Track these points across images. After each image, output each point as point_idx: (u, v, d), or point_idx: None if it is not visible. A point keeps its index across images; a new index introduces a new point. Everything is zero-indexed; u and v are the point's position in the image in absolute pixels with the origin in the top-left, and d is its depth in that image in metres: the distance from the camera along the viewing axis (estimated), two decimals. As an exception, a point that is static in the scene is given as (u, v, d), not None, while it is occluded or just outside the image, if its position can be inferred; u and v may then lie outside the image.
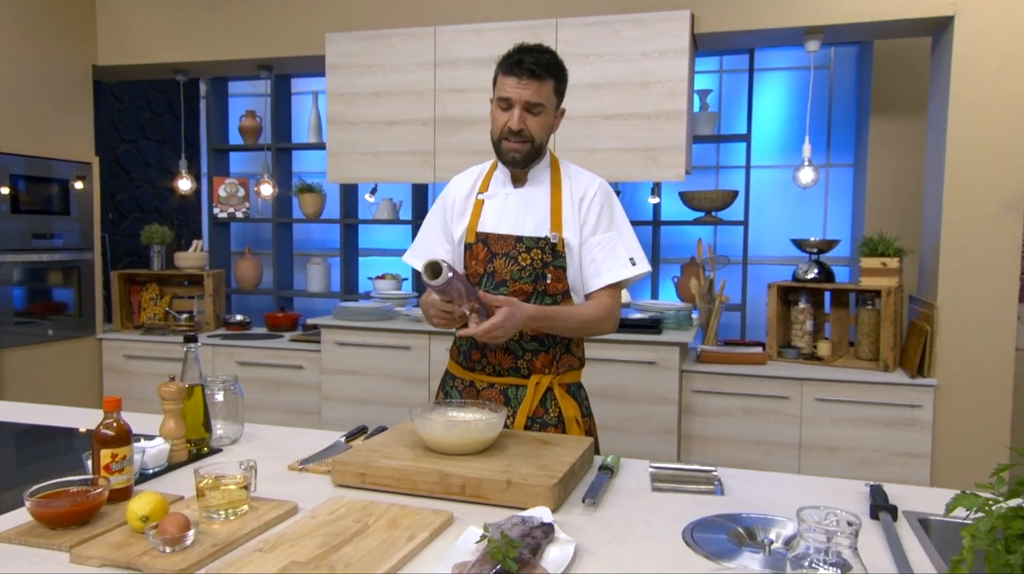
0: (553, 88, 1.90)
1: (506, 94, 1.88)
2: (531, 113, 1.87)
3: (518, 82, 1.86)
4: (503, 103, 1.89)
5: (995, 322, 3.16)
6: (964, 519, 1.40)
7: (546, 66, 1.87)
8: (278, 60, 4.17)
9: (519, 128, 1.87)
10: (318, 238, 5.40)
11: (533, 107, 1.87)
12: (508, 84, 1.87)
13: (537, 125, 1.89)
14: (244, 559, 1.21)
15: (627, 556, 1.29)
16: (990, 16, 3.11)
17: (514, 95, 1.86)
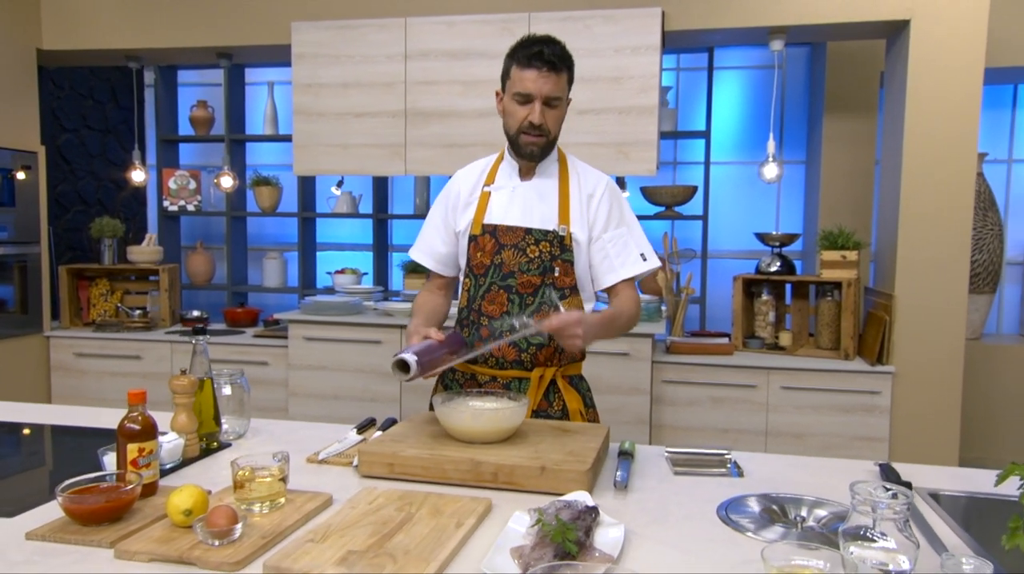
0: (567, 79, 1.90)
1: (525, 89, 1.84)
2: (549, 107, 1.86)
3: (538, 75, 1.83)
4: (520, 98, 1.86)
5: (947, 312, 3.34)
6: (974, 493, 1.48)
7: (562, 57, 1.86)
8: (239, 49, 4.07)
9: (540, 123, 1.85)
10: (271, 232, 5.29)
11: (552, 100, 1.85)
12: (527, 78, 1.84)
13: (554, 119, 1.89)
14: (300, 550, 1.20)
15: (671, 535, 1.33)
16: (944, 20, 3.27)
17: (534, 89, 1.83)
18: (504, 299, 1.92)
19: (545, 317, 1.73)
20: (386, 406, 3.71)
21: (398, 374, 1.63)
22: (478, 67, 3.62)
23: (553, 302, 1.82)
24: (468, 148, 3.66)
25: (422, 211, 4.60)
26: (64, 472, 1.66)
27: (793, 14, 3.40)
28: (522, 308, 1.92)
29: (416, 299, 2.09)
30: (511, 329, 1.79)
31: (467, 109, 3.65)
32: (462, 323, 2.00)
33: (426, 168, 3.73)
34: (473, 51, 3.62)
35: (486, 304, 1.94)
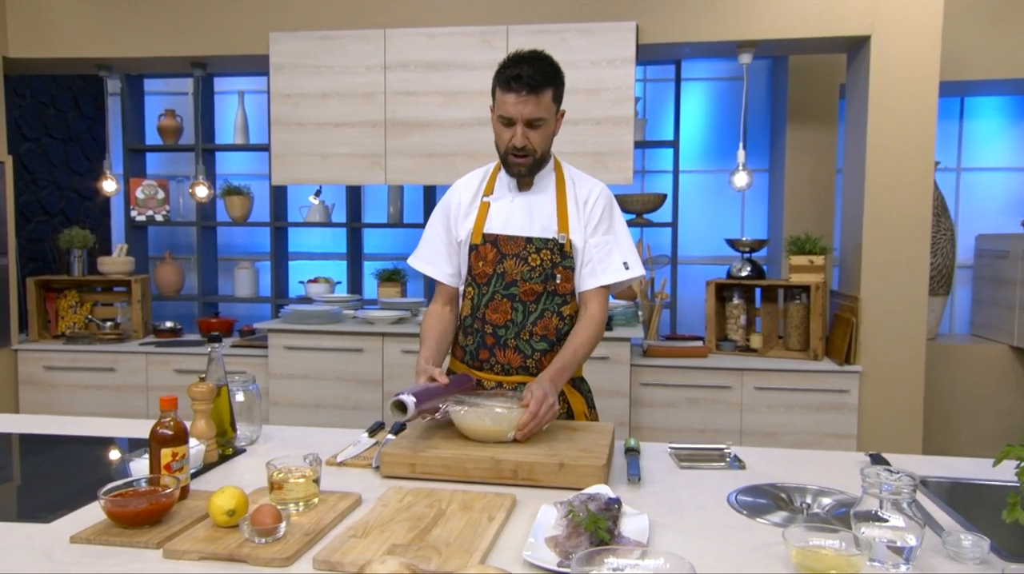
0: (552, 96, 1.90)
1: (507, 112, 1.88)
2: (532, 128, 1.89)
3: (517, 98, 1.85)
4: (504, 120, 1.90)
5: (910, 313, 3.51)
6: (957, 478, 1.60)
7: (543, 76, 1.87)
8: (214, 58, 4.06)
9: (523, 145, 1.90)
10: (240, 242, 5.27)
11: (534, 122, 1.88)
12: (508, 102, 1.86)
13: (539, 138, 1.91)
14: (345, 545, 1.25)
15: (689, 523, 1.41)
16: (901, 37, 3.45)
17: (514, 112, 1.86)
18: (508, 307, 1.98)
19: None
20: (368, 414, 3.74)
21: (396, 414, 1.65)
22: (458, 78, 3.68)
23: None
24: (448, 158, 3.72)
25: (396, 220, 4.64)
26: (78, 479, 1.68)
27: (761, 29, 3.54)
28: (525, 316, 1.97)
29: (424, 322, 2.09)
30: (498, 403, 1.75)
31: (447, 119, 3.71)
32: (467, 331, 2.05)
33: (406, 178, 3.78)
34: (453, 62, 3.69)
35: (490, 312, 2.00)
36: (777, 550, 1.28)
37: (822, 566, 1.18)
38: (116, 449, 1.93)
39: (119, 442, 1.98)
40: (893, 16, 3.45)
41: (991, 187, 4.68)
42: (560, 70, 1.93)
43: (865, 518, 1.26)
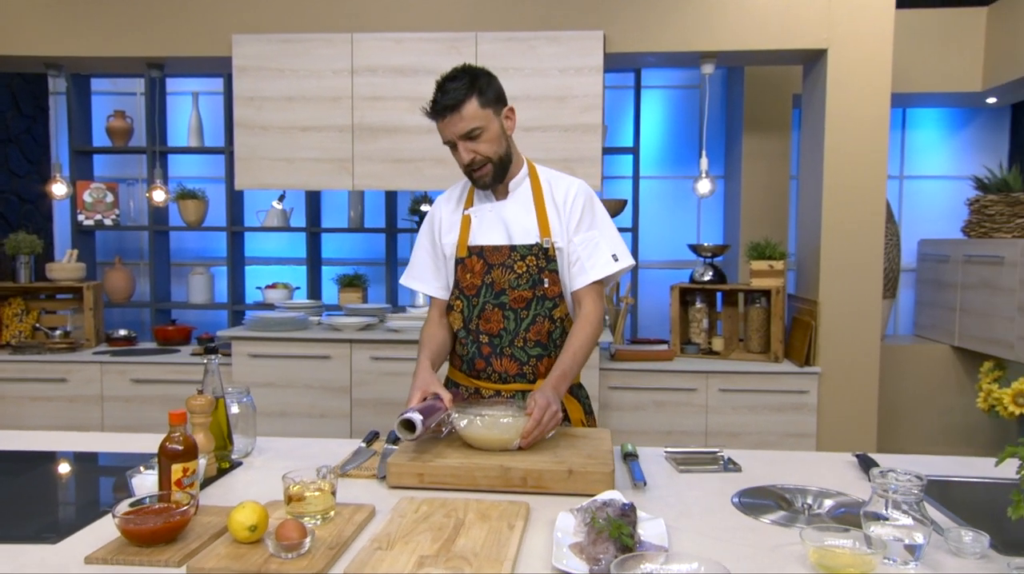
0: (479, 103, 1.90)
1: (443, 138, 1.95)
2: (472, 139, 1.91)
3: (442, 122, 1.92)
4: (449, 145, 1.96)
5: (865, 316, 3.65)
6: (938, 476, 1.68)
7: (458, 92, 1.89)
8: (172, 60, 3.96)
9: (470, 160, 1.93)
10: (192, 247, 5.15)
11: (470, 134, 1.90)
12: (440, 128, 1.94)
13: (486, 145, 1.93)
14: (373, 557, 1.25)
15: (701, 525, 1.45)
16: (856, 50, 3.59)
17: (447, 135, 1.93)
18: (500, 316, 2.00)
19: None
20: (336, 422, 3.70)
21: (404, 433, 1.65)
22: (426, 84, 3.63)
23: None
24: (416, 163, 3.72)
25: (357, 224, 4.60)
26: (69, 498, 1.63)
27: (723, 41, 3.64)
28: (518, 323, 1.99)
29: (424, 330, 2.09)
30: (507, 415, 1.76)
31: (415, 125, 3.70)
32: (461, 343, 2.06)
33: (374, 183, 3.76)
34: (421, 68, 3.68)
35: (482, 323, 2.01)
36: (792, 550, 1.33)
37: (839, 564, 1.23)
38: (87, 464, 1.88)
39: (101, 457, 1.92)
40: (848, 31, 3.59)
41: (931, 195, 4.90)
42: (481, 75, 1.94)
43: (874, 517, 1.32)
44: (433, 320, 2.11)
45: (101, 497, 1.69)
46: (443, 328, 2.09)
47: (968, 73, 4.32)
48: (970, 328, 4.14)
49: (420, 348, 2.04)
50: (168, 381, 3.85)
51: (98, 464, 1.89)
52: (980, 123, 4.87)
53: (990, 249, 3.94)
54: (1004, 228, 4.01)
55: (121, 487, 1.61)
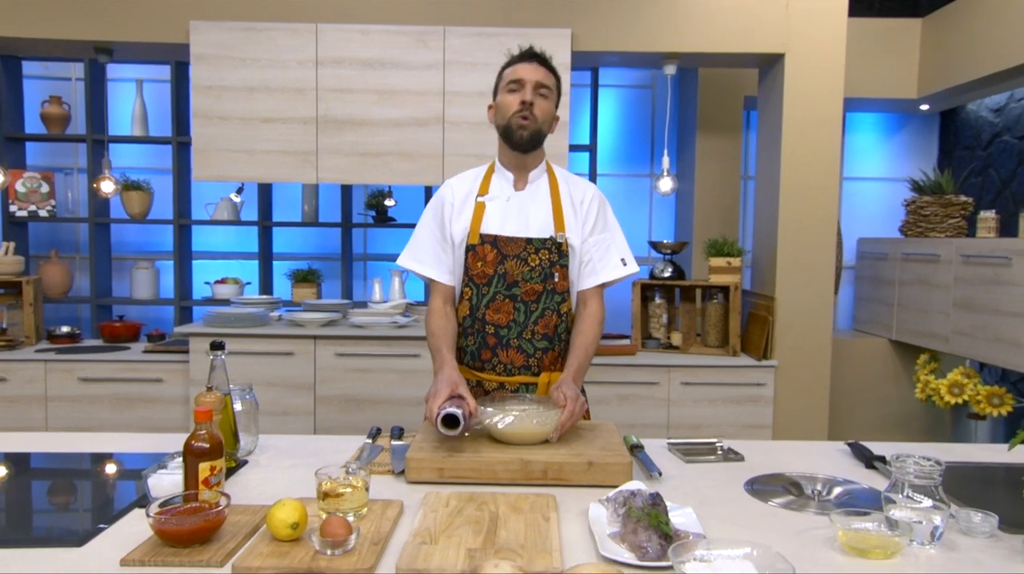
0: (555, 85, 2.04)
1: (517, 76, 1.98)
2: (539, 94, 1.98)
3: (529, 65, 1.99)
4: (514, 85, 1.99)
5: (818, 311, 3.80)
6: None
7: (551, 65, 2.04)
8: (123, 45, 3.80)
9: (531, 101, 1.96)
10: (134, 240, 4.95)
11: (541, 88, 1.98)
12: (520, 68, 1.99)
13: (543, 108, 1.99)
14: (421, 553, 1.24)
15: (723, 513, 1.50)
16: (811, 55, 3.73)
17: (526, 75, 1.98)
18: (510, 308, 2.00)
19: (548, 400, 1.82)
20: (299, 419, 3.63)
21: (446, 430, 1.64)
22: (393, 77, 3.64)
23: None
24: (383, 158, 3.67)
25: (311, 218, 4.52)
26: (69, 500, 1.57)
27: (686, 43, 3.73)
28: (527, 315, 2.00)
29: (432, 323, 2.04)
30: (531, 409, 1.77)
31: (382, 118, 3.66)
32: (466, 332, 2.05)
33: (338, 177, 3.70)
34: (388, 61, 3.64)
35: (491, 313, 2.01)
36: (817, 534, 1.39)
37: (868, 545, 1.29)
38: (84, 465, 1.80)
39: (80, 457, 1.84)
40: (804, 36, 3.72)
41: (868, 196, 5.13)
42: (560, 77, 2.08)
43: (895, 501, 1.38)
44: (439, 310, 2.06)
45: (114, 498, 1.62)
46: (451, 318, 2.05)
47: (904, 80, 4.54)
48: (907, 323, 4.35)
49: (436, 342, 1.99)
50: (118, 379, 3.70)
51: (98, 465, 1.81)
52: (912, 128, 5.13)
53: (926, 248, 4.15)
54: (938, 228, 4.24)
55: (127, 487, 1.55)
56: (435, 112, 3.67)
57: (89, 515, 1.43)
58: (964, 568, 1.26)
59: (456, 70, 3.65)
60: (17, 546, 1.27)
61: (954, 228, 4.21)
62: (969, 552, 1.32)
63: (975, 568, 1.26)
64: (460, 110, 3.67)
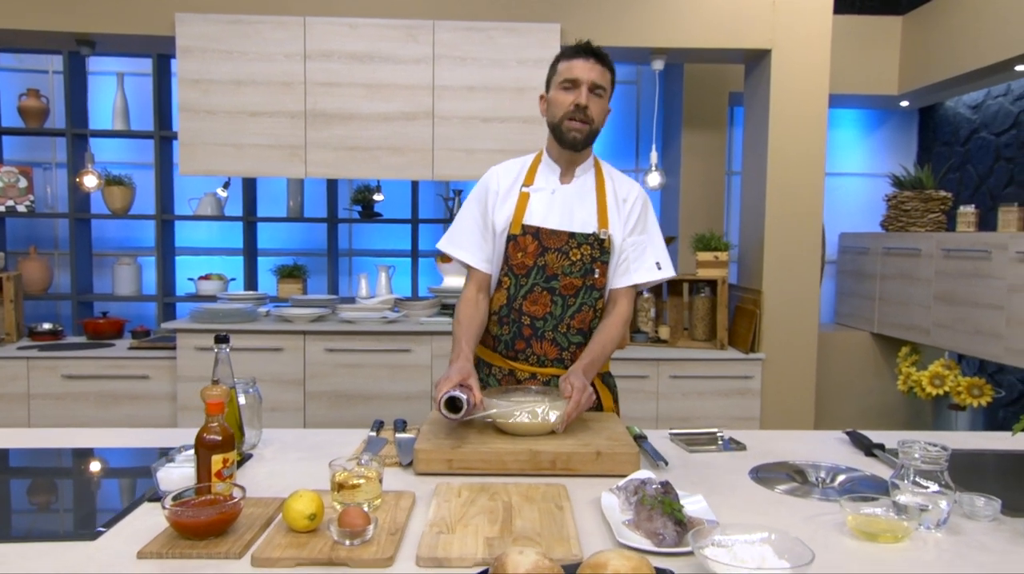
0: (610, 80, 1.99)
1: (573, 75, 1.93)
2: (594, 94, 1.94)
3: (585, 63, 1.93)
4: (568, 83, 1.94)
5: (804, 304, 3.85)
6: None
7: (607, 61, 1.98)
8: (105, 37, 3.74)
9: (586, 104, 1.92)
10: (114, 236, 4.88)
11: (597, 88, 1.94)
12: (575, 66, 1.94)
13: (598, 108, 1.96)
14: (439, 541, 1.24)
15: (732, 501, 1.51)
16: (798, 52, 3.78)
17: (582, 75, 1.92)
18: (547, 300, 2.00)
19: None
20: (289, 415, 3.61)
21: (448, 412, 1.64)
22: (382, 71, 3.63)
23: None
24: (372, 152, 3.66)
25: (296, 214, 4.49)
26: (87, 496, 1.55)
27: (674, 38, 3.75)
28: (564, 309, 1.99)
29: (460, 311, 2.02)
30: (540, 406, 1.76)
31: (371, 112, 3.64)
32: (501, 321, 2.03)
33: (327, 171, 3.68)
34: (377, 55, 3.62)
35: (528, 304, 2.00)
36: (827, 519, 1.41)
37: (877, 529, 1.32)
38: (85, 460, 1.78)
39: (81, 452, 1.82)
40: (790, 32, 3.77)
41: (849, 191, 5.20)
42: (615, 68, 2.02)
43: (901, 486, 1.41)
44: (470, 299, 2.03)
45: (121, 493, 1.60)
46: (480, 309, 2.03)
47: (885, 77, 4.61)
48: (889, 316, 4.42)
49: (459, 331, 1.97)
50: (104, 377, 3.66)
51: (99, 460, 1.79)
52: (892, 124, 5.20)
53: (907, 242, 4.22)
54: (919, 222, 4.31)
55: (128, 482, 1.54)
56: (424, 106, 3.66)
57: (96, 510, 1.42)
58: (971, 551, 1.29)
59: (445, 64, 3.65)
60: (29, 540, 1.26)
61: (934, 223, 4.28)
62: (974, 535, 1.35)
63: (981, 551, 1.29)
64: (450, 104, 3.67)
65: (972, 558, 1.26)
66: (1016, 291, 3.39)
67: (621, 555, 1.09)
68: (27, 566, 1.16)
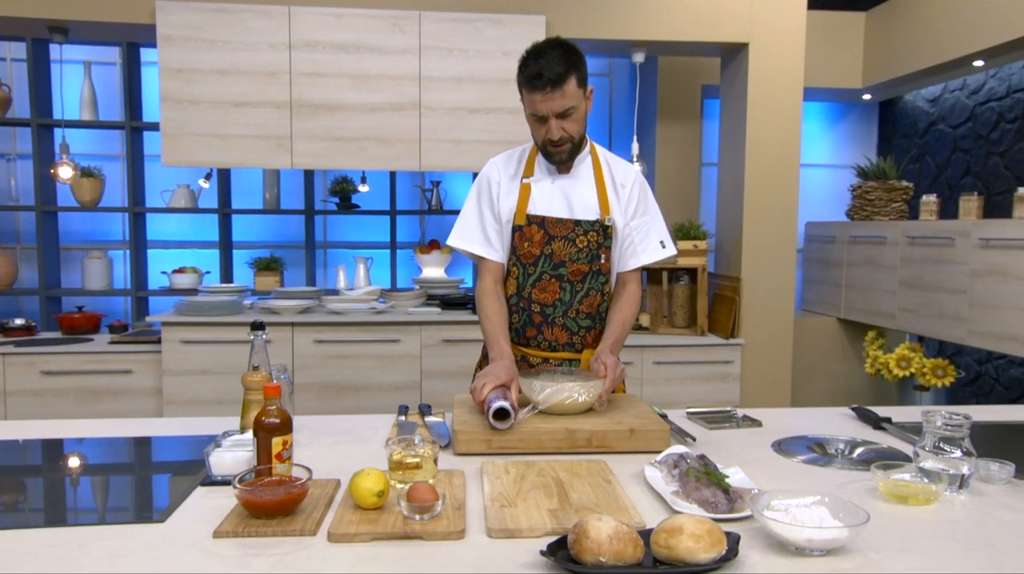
0: (576, 81, 1.89)
1: (536, 111, 1.91)
2: (564, 118, 1.91)
3: (543, 96, 1.87)
4: (535, 118, 1.93)
5: (781, 291, 3.98)
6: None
7: (563, 66, 1.85)
8: (81, 24, 3.65)
9: (559, 137, 1.93)
10: (81, 229, 4.77)
11: (565, 113, 1.90)
12: (535, 100, 1.89)
13: (573, 125, 1.95)
14: (506, 514, 1.29)
15: (765, 471, 1.59)
16: (774, 45, 3.89)
17: (543, 110, 1.89)
18: (556, 287, 2.04)
19: (587, 373, 1.88)
20: (277, 407, 3.58)
21: (499, 423, 1.67)
22: (368, 61, 3.62)
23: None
24: (359, 142, 3.65)
25: (273, 206, 4.45)
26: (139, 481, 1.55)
27: (655, 31, 3.83)
28: (573, 295, 2.04)
29: (485, 305, 2.03)
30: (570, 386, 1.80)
31: (358, 103, 3.63)
32: (512, 309, 2.07)
33: (314, 162, 3.66)
34: (363, 45, 3.62)
35: (537, 292, 2.05)
36: (858, 486, 1.49)
37: (908, 493, 1.40)
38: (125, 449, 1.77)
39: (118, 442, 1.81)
40: (766, 26, 3.88)
41: (814, 181, 5.37)
42: (578, 52, 1.92)
43: (922, 454, 1.50)
44: (490, 291, 2.06)
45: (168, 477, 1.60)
46: (503, 300, 2.07)
47: (850, 71, 4.77)
48: (855, 302, 4.59)
49: (493, 329, 1.98)
50: (84, 372, 3.58)
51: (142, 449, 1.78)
52: (854, 117, 5.39)
53: (873, 230, 4.38)
54: (883, 211, 4.48)
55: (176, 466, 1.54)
56: (411, 97, 3.67)
57: (153, 494, 1.42)
58: (995, 510, 1.38)
59: (432, 55, 3.66)
60: (96, 524, 1.26)
61: (897, 212, 4.46)
62: (995, 497, 1.45)
63: (1005, 510, 1.38)
64: (436, 95, 3.68)
65: (997, 516, 1.35)
66: (978, 276, 3.57)
67: (692, 519, 1.15)
68: (110, 547, 1.16)
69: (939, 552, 1.20)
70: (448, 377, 3.65)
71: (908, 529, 1.29)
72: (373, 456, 1.65)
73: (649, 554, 1.14)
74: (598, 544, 1.09)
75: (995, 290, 3.47)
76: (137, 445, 1.78)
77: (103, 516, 1.34)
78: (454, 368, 3.65)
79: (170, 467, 1.67)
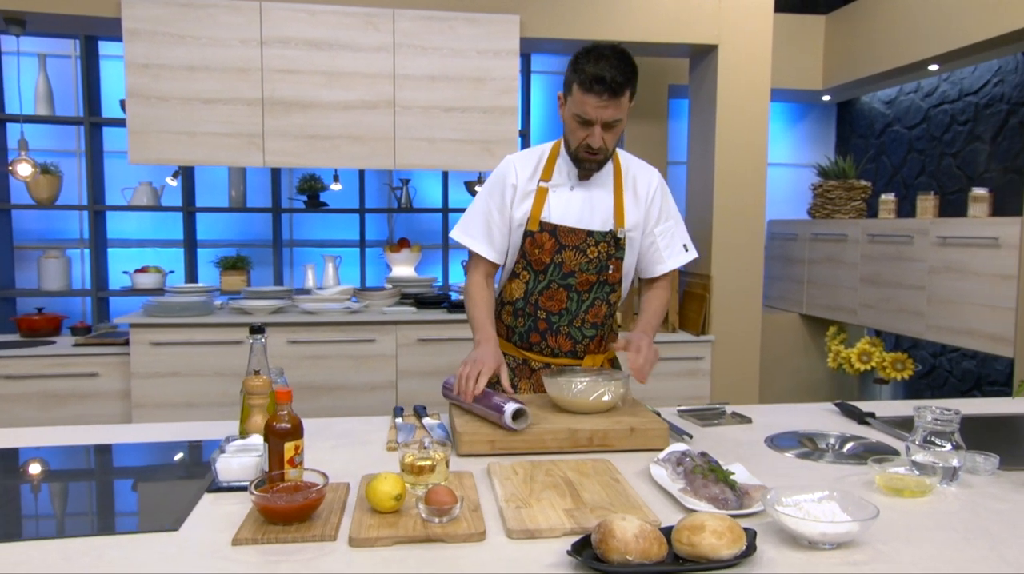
0: (630, 95, 1.89)
1: (586, 114, 1.85)
2: (609, 129, 1.89)
3: (598, 101, 1.83)
4: (581, 120, 1.88)
5: (749, 288, 4.07)
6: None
7: (625, 77, 1.84)
8: (38, 16, 3.54)
9: (599, 147, 1.90)
10: (35, 228, 4.62)
11: (612, 124, 1.88)
12: (588, 103, 1.83)
13: (614, 138, 1.92)
14: (521, 515, 1.30)
15: (763, 466, 1.63)
16: (742, 47, 3.97)
17: (595, 116, 1.85)
18: (563, 297, 2.04)
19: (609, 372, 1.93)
20: (249, 409, 3.53)
21: (518, 424, 1.67)
22: (342, 58, 3.58)
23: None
24: (333, 140, 3.61)
25: (239, 204, 4.38)
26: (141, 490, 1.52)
27: (627, 31, 3.87)
28: (579, 304, 2.04)
29: (474, 296, 2.03)
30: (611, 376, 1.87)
31: (331, 100, 3.59)
32: (517, 313, 2.07)
33: (287, 160, 3.61)
34: (336, 42, 3.58)
35: (544, 299, 2.04)
36: (855, 479, 1.54)
37: (903, 486, 1.46)
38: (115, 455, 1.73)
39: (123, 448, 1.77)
40: (735, 28, 3.95)
41: (775, 180, 5.49)
42: (636, 65, 1.89)
43: (912, 448, 1.56)
44: (481, 283, 2.06)
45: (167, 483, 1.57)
46: (491, 290, 2.08)
47: (810, 73, 4.89)
48: (817, 298, 4.71)
49: (479, 312, 1.98)
50: (46, 376, 3.48)
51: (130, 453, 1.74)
52: (813, 117, 5.52)
53: (835, 228, 4.50)
54: (843, 210, 4.61)
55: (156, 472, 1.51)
56: (386, 95, 3.64)
57: (158, 501, 1.39)
58: (986, 500, 1.44)
59: (407, 53, 3.64)
60: (109, 533, 1.23)
61: (856, 210, 4.59)
62: (983, 488, 1.51)
63: (995, 500, 1.44)
64: (411, 93, 3.67)
65: (989, 506, 1.41)
66: (936, 273, 3.70)
67: (713, 517, 1.18)
68: (130, 557, 1.14)
69: (942, 543, 1.25)
70: (424, 377, 3.64)
71: (908, 521, 1.34)
72: (376, 459, 1.64)
73: (671, 552, 1.16)
74: (624, 543, 1.11)
75: (952, 286, 3.60)
76: (130, 451, 1.74)
77: (113, 525, 1.32)
78: (430, 368, 3.65)
79: (169, 472, 1.64)
